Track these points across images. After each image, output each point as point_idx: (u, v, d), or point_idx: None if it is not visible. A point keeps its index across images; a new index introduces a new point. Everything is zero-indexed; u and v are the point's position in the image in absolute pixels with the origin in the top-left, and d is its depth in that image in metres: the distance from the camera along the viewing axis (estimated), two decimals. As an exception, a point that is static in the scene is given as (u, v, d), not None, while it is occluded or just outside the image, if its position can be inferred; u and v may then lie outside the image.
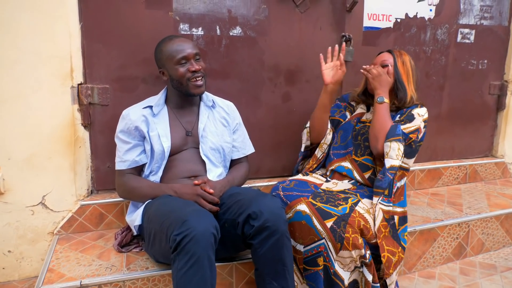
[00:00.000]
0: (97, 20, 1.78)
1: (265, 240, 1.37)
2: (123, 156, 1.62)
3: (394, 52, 1.83)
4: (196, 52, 1.61)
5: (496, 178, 2.74)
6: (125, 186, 1.62)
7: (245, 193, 1.51)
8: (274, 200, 1.45)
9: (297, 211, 1.55)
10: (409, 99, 1.78)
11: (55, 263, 1.57)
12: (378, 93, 1.76)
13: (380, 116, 1.71)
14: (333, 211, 1.52)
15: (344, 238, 1.46)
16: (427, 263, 1.99)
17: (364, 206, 1.59)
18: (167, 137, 1.62)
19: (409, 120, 1.73)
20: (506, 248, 2.20)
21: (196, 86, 1.61)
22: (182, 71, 1.58)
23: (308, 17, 2.11)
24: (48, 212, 1.79)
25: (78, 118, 1.80)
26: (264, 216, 1.36)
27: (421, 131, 1.72)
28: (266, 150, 2.17)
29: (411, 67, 1.82)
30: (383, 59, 1.82)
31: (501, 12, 2.58)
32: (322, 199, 1.58)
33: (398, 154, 1.64)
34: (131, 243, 1.71)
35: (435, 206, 2.23)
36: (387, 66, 1.79)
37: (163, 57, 1.61)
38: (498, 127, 2.77)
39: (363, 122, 1.87)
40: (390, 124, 1.69)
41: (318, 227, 1.50)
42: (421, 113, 1.75)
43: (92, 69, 1.81)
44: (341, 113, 1.98)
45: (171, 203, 1.44)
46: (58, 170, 1.78)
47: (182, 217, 1.26)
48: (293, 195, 1.61)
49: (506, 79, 2.70)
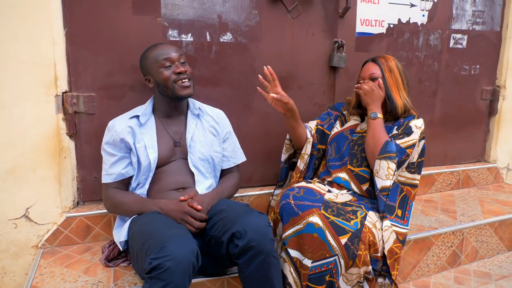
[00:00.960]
0: (82, 26, 1.72)
1: (250, 260, 1.32)
2: (109, 169, 1.57)
3: (379, 61, 1.78)
4: (181, 55, 1.58)
5: (489, 183, 2.74)
6: (111, 200, 1.58)
7: (231, 209, 1.46)
8: (260, 218, 1.38)
9: (309, 223, 1.46)
10: (400, 108, 1.74)
11: (38, 280, 1.51)
12: (371, 108, 1.72)
13: (375, 132, 1.67)
14: (347, 226, 1.47)
15: (357, 255, 1.43)
16: (421, 272, 1.96)
17: (371, 220, 1.55)
18: (154, 148, 1.57)
19: (407, 134, 1.69)
20: (500, 255, 2.18)
21: (183, 87, 1.56)
22: (167, 74, 1.54)
23: (300, 23, 2.08)
24: (32, 225, 1.73)
25: (63, 128, 1.74)
26: (248, 235, 1.30)
27: (418, 145, 1.70)
28: (258, 158, 2.13)
29: (399, 72, 1.77)
30: (370, 73, 1.77)
31: (493, 18, 2.57)
32: (333, 211, 1.52)
33: (388, 174, 1.59)
34: (119, 257, 1.65)
35: (429, 213, 2.20)
36: (377, 79, 1.75)
37: (148, 62, 1.58)
38: (490, 132, 2.77)
39: (359, 132, 1.83)
40: (384, 139, 1.65)
41: (331, 243, 1.43)
42: (418, 125, 1.72)
43: (77, 76, 1.75)
44: (329, 123, 1.93)
45: (154, 223, 1.38)
46: (42, 181, 1.72)
47: (161, 241, 1.21)
48: (305, 205, 1.52)
49: (498, 84, 2.69)
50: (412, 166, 1.73)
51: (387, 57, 1.80)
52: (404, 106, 1.75)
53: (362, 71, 1.83)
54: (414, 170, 1.73)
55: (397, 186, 1.69)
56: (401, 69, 1.78)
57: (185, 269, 1.19)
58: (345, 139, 1.83)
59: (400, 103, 1.74)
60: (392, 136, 1.70)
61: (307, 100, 2.17)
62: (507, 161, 2.81)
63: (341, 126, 1.91)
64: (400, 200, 1.68)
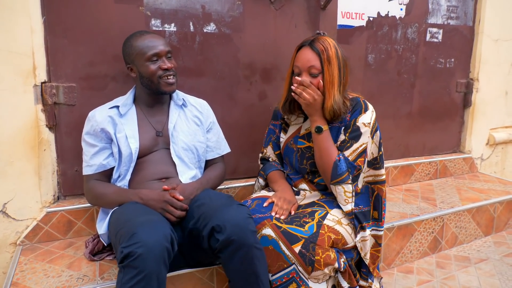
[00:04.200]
0: (61, 14, 1.66)
1: (232, 254, 1.29)
2: (90, 160, 1.54)
3: (318, 48, 1.49)
4: (168, 50, 1.55)
5: (465, 173, 2.83)
6: (93, 192, 1.54)
7: (212, 201, 1.43)
8: (240, 210, 1.35)
9: (263, 236, 1.42)
10: (328, 112, 1.50)
11: (19, 276, 1.44)
12: (314, 120, 1.52)
13: (322, 151, 1.52)
14: (299, 233, 1.40)
15: (314, 261, 1.36)
16: (405, 258, 2.01)
17: (334, 217, 1.49)
18: (135, 138, 1.54)
19: (355, 139, 1.52)
20: (478, 240, 2.26)
21: (168, 83, 1.54)
22: (153, 69, 1.51)
23: (283, 14, 2.09)
24: (10, 221, 1.65)
25: (42, 119, 1.68)
26: (227, 229, 1.27)
27: (367, 151, 1.55)
28: (243, 149, 2.12)
29: (338, 63, 1.50)
30: (310, 65, 1.49)
31: (466, 13, 2.67)
32: (285, 219, 1.48)
33: (346, 198, 1.50)
34: (104, 251, 1.60)
35: (410, 201, 2.26)
36: (317, 76, 1.50)
37: (133, 52, 1.53)
38: (465, 124, 2.86)
39: (302, 139, 1.64)
40: (333, 160, 1.49)
41: (286, 252, 1.39)
42: (366, 122, 1.53)
43: (57, 66, 1.69)
44: (275, 136, 1.77)
45: (128, 213, 1.35)
46: (20, 175, 1.65)
47: (132, 229, 1.19)
48: (257, 218, 1.47)
49: (472, 77, 2.79)
50: (375, 162, 1.61)
51: (326, 42, 1.51)
52: (332, 109, 1.49)
53: (298, 58, 1.53)
54: (378, 165, 1.61)
55: (367, 188, 1.61)
56: (341, 59, 1.51)
57: (158, 255, 1.16)
58: (291, 151, 1.67)
59: (329, 105, 1.49)
60: (341, 144, 1.54)
61: (291, 92, 2.18)
62: (481, 152, 2.91)
63: (285, 134, 1.73)
64: (374, 201, 1.60)
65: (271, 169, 1.74)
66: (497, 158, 3.01)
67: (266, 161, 1.81)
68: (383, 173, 1.62)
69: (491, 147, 2.95)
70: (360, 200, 1.56)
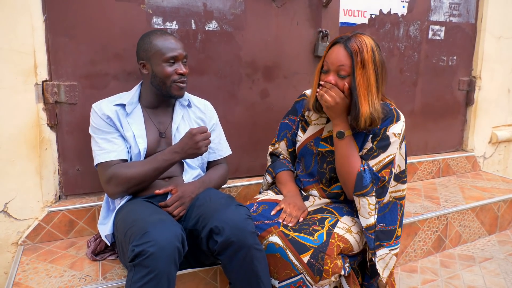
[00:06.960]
0: (62, 12, 1.65)
1: (232, 256, 1.27)
2: (108, 146, 1.47)
3: (352, 48, 1.35)
4: (186, 55, 1.54)
5: (467, 171, 2.82)
6: (119, 176, 1.42)
7: (211, 201, 1.40)
8: (238, 210, 1.32)
9: (269, 244, 1.36)
10: (364, 120, 1.37)
11: (21, 276, 1.43)
12: (336, 124, 1.43)
13: (344, 159, 1.43)
14: (308, 242, 1.33)
15: (323, 271, 1.30)
16: (409, 257, 1.99)
17: (344, 225, 1.42)
18: (143, 138, 1.52)
19: (383, 149, 1.42)
20: (482, 239, 2.25)
21: (180, 88, 1.53)
22: (169, 71, 1.49)
23: (285, 11, 2.07)
24: (11, 220, 1.64)
25: (44, 118, 1.67)
26: (226, 231, 1.25)
27: (395, 163, 1.44)
28: (244, 148, 2.11)
29: (374, 67, 1.36)
30: (340, 64, 1.37)
31: (468, 10, 2.65)
32: (294, 226, 1.40)
33: (370, 211, 1.41)
34: (106, 251, 1.59)
35: (413, 200, 2.24)
36: (345, 78, 1.37)
37: (151, 50, 1.49)
38: (467, 122, 2.85)
39: (325, 142, 1.55)
40: (357, 168, 1.40)
41: (294, 262, 1.32)
42: (397, 132, 1.43)
43: (58, 65, 1.68)
44: (291, 132, 1.67)
45: (136, 211, 1.33)
46: (22, 175, 1.64)
47: (144, 227, 1.17)
48: (263, 225, 1.41)
49: (474, 75, 2.78)
50: (402, 175, 1.51)
51: (363, 43, 1.36)
52: (371, 116, 1.37)
53: (329, 56, 1.41)
54: (405, 179, 1.52)
55: (395, 204, 1.50)
56: (378, 62, 1.37)
57: (170, 255, 1.15)
58: (310, 153, 1.58)
59: (365, 112, 1.36)
60: (367, 152, 1.44)
61: (292, 90, 2.16)
62: (483, 150, 2.90)
63: (303, 132, 1.62)
64: (401, 218, 1.50)
65: (281, 168, 1.67)
66: (500, 156, 2.99)
67: (275, 157, 1.74)
68: (405, 188, 1.53)
69: (494, 145, 2.93)
70: (382, 218, 1.47)
